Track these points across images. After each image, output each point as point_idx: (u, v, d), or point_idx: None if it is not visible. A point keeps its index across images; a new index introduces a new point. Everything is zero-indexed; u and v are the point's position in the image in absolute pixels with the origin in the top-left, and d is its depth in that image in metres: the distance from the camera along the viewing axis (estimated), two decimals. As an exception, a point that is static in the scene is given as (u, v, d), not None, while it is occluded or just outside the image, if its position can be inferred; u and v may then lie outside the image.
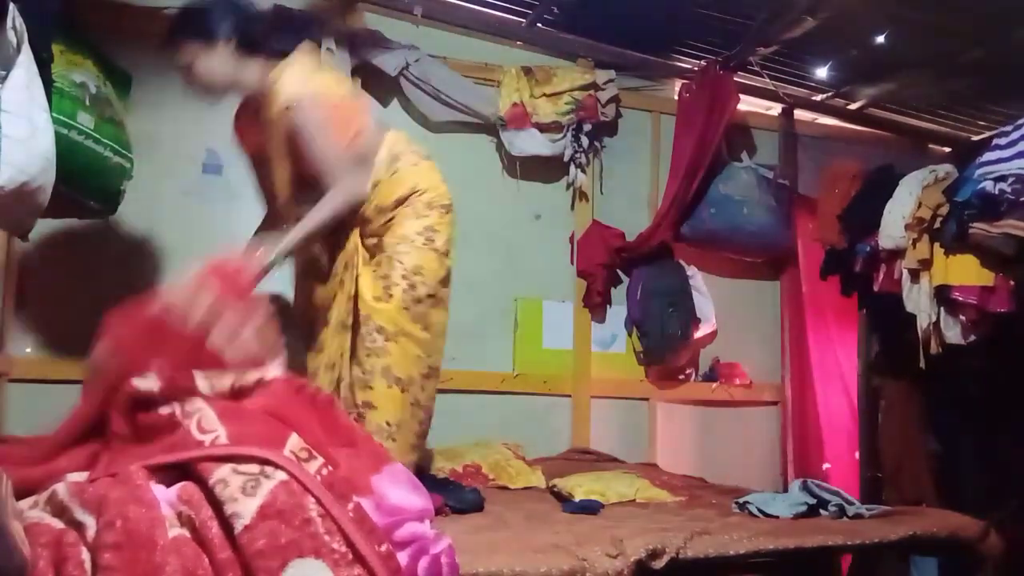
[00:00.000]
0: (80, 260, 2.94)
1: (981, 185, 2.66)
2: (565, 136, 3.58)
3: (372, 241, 2.31)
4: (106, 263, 2.97)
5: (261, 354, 1.72)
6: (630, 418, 3.73)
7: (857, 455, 3.68)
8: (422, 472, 2.45)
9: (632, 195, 3.84)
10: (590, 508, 2.44)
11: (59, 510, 1.30)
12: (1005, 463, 3.20)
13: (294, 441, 1.47)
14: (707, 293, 3.82)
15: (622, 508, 2.55)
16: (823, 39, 3.54)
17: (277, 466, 1.37)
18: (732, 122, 3.82)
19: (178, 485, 1.36)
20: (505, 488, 2.92)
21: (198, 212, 3.11)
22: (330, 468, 1.45)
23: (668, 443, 3.76)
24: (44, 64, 1.79)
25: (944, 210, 2.85)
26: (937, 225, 2.87)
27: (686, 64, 3.91)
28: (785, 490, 2.62)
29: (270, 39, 2.23)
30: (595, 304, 3.67)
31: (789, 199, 3.94)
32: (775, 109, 4.12)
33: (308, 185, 2.19)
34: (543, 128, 3.54)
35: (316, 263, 2.32)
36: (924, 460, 3.35)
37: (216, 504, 1.29)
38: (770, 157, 4.05)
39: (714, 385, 3.85)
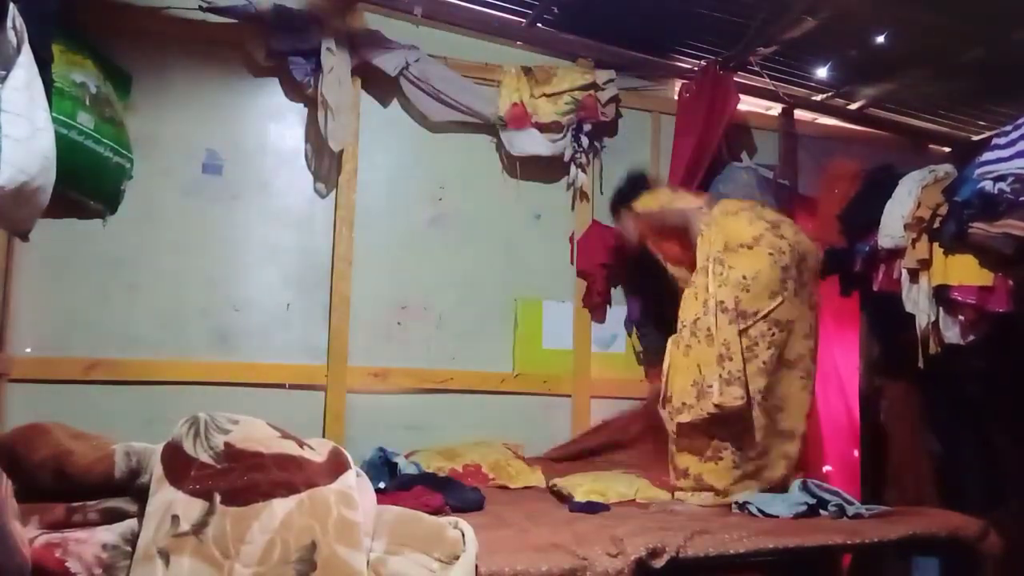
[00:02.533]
0: (80, 260, 2.94)
1: (980, 185, 2.66)
2: (565, 136, 3.58)
3: None
4: (106, 263, 2.97)
5: None
6: (630, 418, 3.72)
7: (858, 454, 3.68)
8: None
9: (632, 195, 3.83)
10: (596, 509, 2.45)
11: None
12: (1005, 463, 3.19)
13: None
14: (707, 293, 3.82)
15: (622, 507, 2.55)
16: (823, 39, 3.54)
17: None
18: (732, 122, 3.82)
19: None
20: (505, 488, 2.92)
21: (198, 212, 3.11)
22: None
23: (668, 443, 3.75)
24: (44, 64, 1.78)
25: (943, 210, 2.84)
26: (936, 225, 2.87)
27: (686, 64, 3.91)
28: (785, 490, 2.62)
29: None
30: (595, 304, 3.67)
31: (789, 199, 3.94)
32: (775, 109, 4.12)
33: None
34: (543, 128, 3.54)
35: None
36: (926, 460, 3.35)
37: None
38: (770, 157, 4.05)
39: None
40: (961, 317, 2.82)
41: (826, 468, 3.77)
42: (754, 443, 2.59)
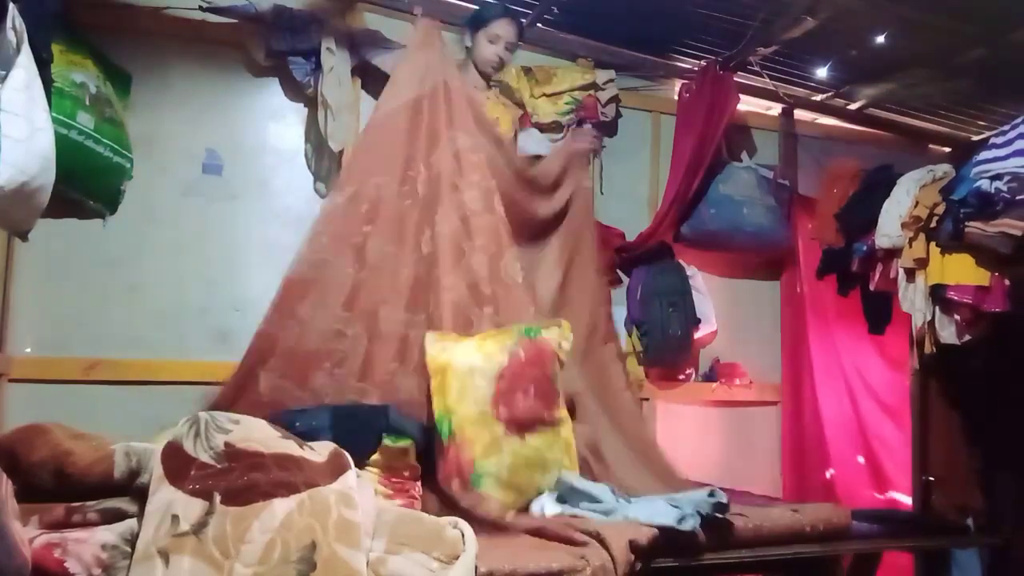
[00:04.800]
0: (80, 260, 2.94)
1: (977, 184, 2.66)
2: (565, 136, 3.58)
3: None
4: (106, 263, 2.97)
5: None
6: (630, 418, 3.72)
7: (863, 460, 3.67)
8: None
9: (632, 195, 3.83)
10: None
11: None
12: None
13: None
14: (707, 293, 3.82)
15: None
16: (823, 39, 3.54)
17: None
18: (732, 122, 3.82)
19: None
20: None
21: (198, 212, 3.11)
22: None
23: (668, 443, 3.74)
24: (44, 64, 1.79)
25: (940, 209, 2.85)
26: (933, 224, 2.87)
27: (686, 64, 3.91)
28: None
29: None
30: (595, 304, 3.66)
31: (789, 199, 3.95)
32: (775, 109, 4.12)
33: None
34: (543, 128, 3.54)
35: None
36: (970, 465, 3.20)
37: None
38: (770, 157, 4.05)
39: (714, 385, 3.84)
40: (957, 317, 2.82)
41: (829, 472, 3.76)
42: None
